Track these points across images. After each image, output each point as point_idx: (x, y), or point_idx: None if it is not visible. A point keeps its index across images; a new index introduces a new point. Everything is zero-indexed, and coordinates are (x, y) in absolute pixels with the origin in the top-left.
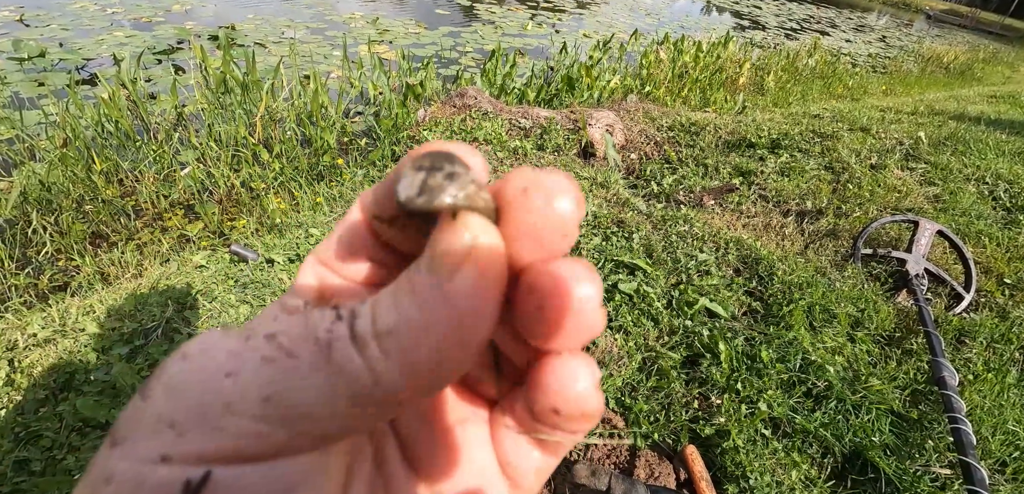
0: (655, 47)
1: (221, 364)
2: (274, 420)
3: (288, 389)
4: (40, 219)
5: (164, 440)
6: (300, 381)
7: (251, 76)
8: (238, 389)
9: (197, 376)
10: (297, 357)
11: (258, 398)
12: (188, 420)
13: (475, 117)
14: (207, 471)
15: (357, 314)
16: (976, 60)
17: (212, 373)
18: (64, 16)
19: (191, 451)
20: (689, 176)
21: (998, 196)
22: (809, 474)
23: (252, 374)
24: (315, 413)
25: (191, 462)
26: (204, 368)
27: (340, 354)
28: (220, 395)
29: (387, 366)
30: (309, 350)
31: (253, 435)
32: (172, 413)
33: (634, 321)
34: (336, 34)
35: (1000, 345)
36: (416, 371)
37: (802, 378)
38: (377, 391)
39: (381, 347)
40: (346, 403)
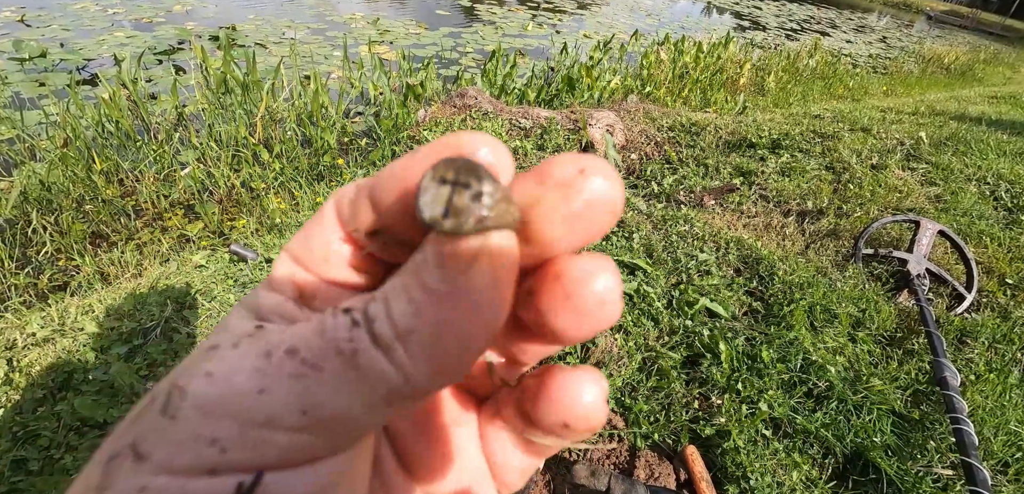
0: (655, 48)
1: (252, 383)
2: (314, 429)
3: (322, 401)
4: (40, 219)
5: (208, 456)
6: (332, 393)
7: (251, 76)
8: (275, 405)
9: (230, 395)
10: (323, 370)
11: (296, 411)
12: (230, 437)
13: (475, 117)
14: (259, 473)
15: (373, 318)
16: (977, 61)
17: (245, 392)
18: (65, 16)
19: (239, 462)
20: (689, 176)
21: (999, 196)
22: (810, 475)
23: (284, 391)
24: (352, 417)
25: (239, 471)
26: (235, 388)
27: (366, 361)
28: (259, 412)
29: (415, 366)
30: (334, 363)
31: (296, 446)
32: (212, 432)
33: (634, 321)
34: (337, 35)
35: (1002, 345)
36: (443, 365)
37: (803, 378)
38: (408, 389)
39: (407, 350)
40: (380, 403)
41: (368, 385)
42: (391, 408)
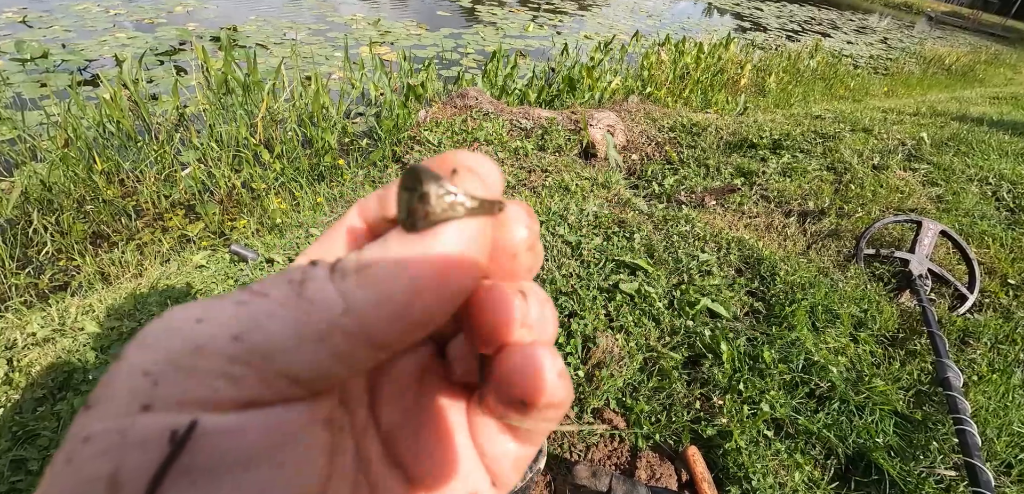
0: (656, 48)
1: (194, 314)
2: (244, 358)
3: (257, 326)
4: (41, 219)
5: (141, 390)
6: (268, 318)
7: (252, 77)
8: (208, 331)
9: (170, 326)
10: (268, 296)
11: (227, 337)
12: (162, 367)
13: (476, 117)
14: (193, 420)
15: (342, 258)
16: (978, 61)
17: (184, 321)
18: (67, 17)
19: (171, 396)
20: (690, 176)
21: (1001, 197)
22: (812, 475)
23: (223, 317)
24: (285, 349)
25: (173, 408)
26: (177, 318)
27: (313, 286)
28: (191, 339)
29: (360, 294)
30: (282, 288)
31: (226, 377)
32: (145, 363)
33: (635, 321)
34: (338, 36)
35: (1004, 346)
36: (389, 303)
37: (805, 379)
38: (347, 321)
39: (358, 277)
40: (316, 336)
41: (307, 313)
42: (328, 344)
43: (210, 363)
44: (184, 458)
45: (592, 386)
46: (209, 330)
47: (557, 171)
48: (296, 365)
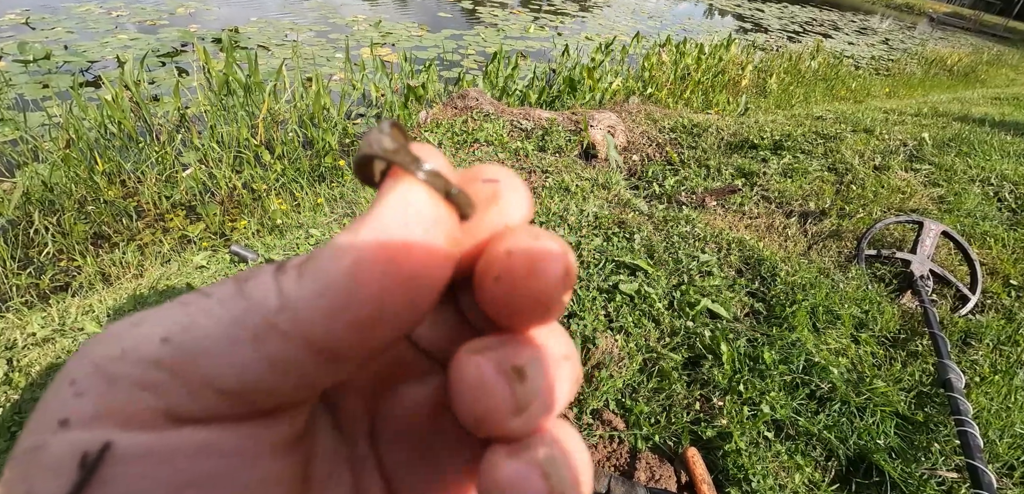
0: (657, 49)
1: (133, 318)
2: (169, 364)
3: (190, 325)
4: (42, 219)
5: (63, 402)
6: (204, 317)
7: (254, 78)
8: (140, 333)
9: (108, 331)
10: (210, 295)
11: (156, 338)
12: (85, 374)
13: (477, 118)
14: (106, 442)
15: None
16: (980, 62)
17: (122, 325)
18: (69, 19)
19: (87, 411)
20: (691, 177)
21: (1003, 197)
22: (813, 477)
23: (159, 317)
24: (213, 352)
25: (88, 424)
26: (117, 324)
27: (254, 285)
28: (119, 342)
29: (299, 288)
30: (226, 287)
31: (148, 385)
32: (74, 370)
33: (635, 322)
34: (339, 37)
35: (1007, 347)
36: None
37: (805, 380)
38: (282, 318)
39: (300, 271)
40: (248, 338)
41: (243, 310)
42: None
43: (133, 369)
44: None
45: (591, 387)
46: (140, 331)
47: (557, 172)
48: (224, 372)
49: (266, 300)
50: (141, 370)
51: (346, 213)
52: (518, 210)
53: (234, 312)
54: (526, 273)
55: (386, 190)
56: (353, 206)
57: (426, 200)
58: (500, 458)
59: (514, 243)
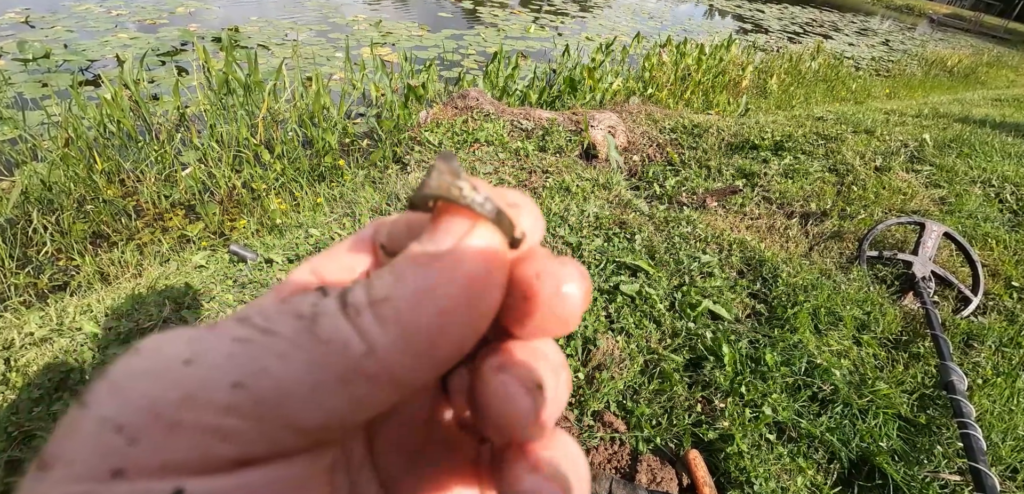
0: (658, 50)
1: (179, 351)
2: (246, 411)
3: (263, 370)
4: (41, 219)
5: (112, 449)
6: (278, 361)
7: (253, 77)
8: (200, 375)
9: (150, 367)
10: (275, 334)
11: (226, 384)
12: (139, 421)
13: (477, 118)
14: (178, 489)
15: (350, 289)
16: (980, 64)
17: (169, 361)
18: (69, 18)
19: (149, 461)
20: (692, 178)
21: (1004, 199)
22: (815, 480)
23: (219, 357)
24: (296, 397)
25: (152, 475)
26: (159, 358)
27: (328, 325)
28: (178, 386)
29: (382, 333)
30: (290, 325)
31: (222, 433)
32: (118, 414)
33: (636, 323)
34: (339, 37)
35: (1009, 349)
36: (416, 338)
37: (807, 381)
38: (369, 363)
39: (376, 314)
40: (334, 381)
41: (323, 354)
42: (346, 391)
43: (202, 416)
44: None
45: (592, 389)
46: (201, 374)
47: (558, 172)
48: (308, 415)
49: (349, 345)
50: (212, 417)
51: (345, 213)
52: (535, 233)
53: (313, 356)
54: (553, 294)
55: (455, 230)
56: (352, 206)
57: (498, 242)
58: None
59: (543, 266)
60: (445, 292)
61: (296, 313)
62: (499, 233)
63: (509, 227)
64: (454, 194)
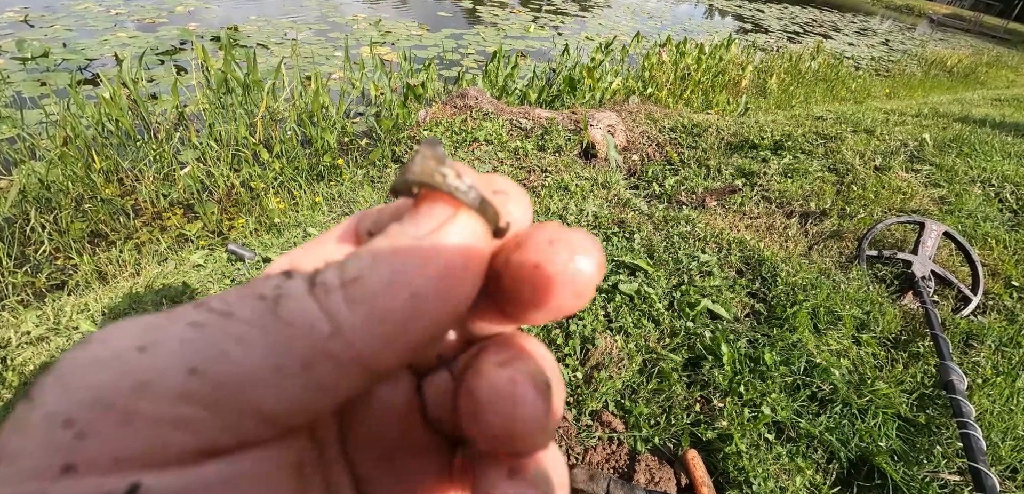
0: (657, 49)
1: (133, 339)
2: (204, 397)
3: (220, 354)
4: (39, 217)
5: (61, 445)
6: (236, 345)
7: (252, 76)
8: (154, 363)
9: (99, 356)
10: (232, 316)
11: (181, 370)
12: (88, 413)
13: (476, 117)
14: (134, 484)
15: (321, 271)
16: (979, 64)
17: (120, 351)
18: (68, 17)
19: (101, 454)
20: (691, 177)
21: (1004, 198)
22: (814, 480)
23: (174, 343)
24: (257, 381)
25: (106, 470)
26: (109, 347)
27: (291, 306)
28: (130, 374)
29: (351, 313)
30: (250, 306)
31: (178, 422)
32: (67, 407)
33: (635, 322)
34: (338, 36)
35: (1009, 348)
36: (386, 321)
37: (806, 381)
38: (336, 345)
39: (347, 294)
40: (298, 364)
41: (287, 336)
42: (310, 375)
43: (156, 406)
44: None
45: (590, 388)
46: (155, 361)
47: (557, 171)
48: (271, 401)
49: (315, 327)
50: (168, 406)
51: (344, 211)
52: (524, 221)
53: (275, 339)
54: (567, 260)
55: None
56: (351, 205)
57: (480, 231)
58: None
59: (555, 234)
60: (421, 276)
61: (257, 294)
62: (482, 222)
63: (494, 216)
64: (437, 180)
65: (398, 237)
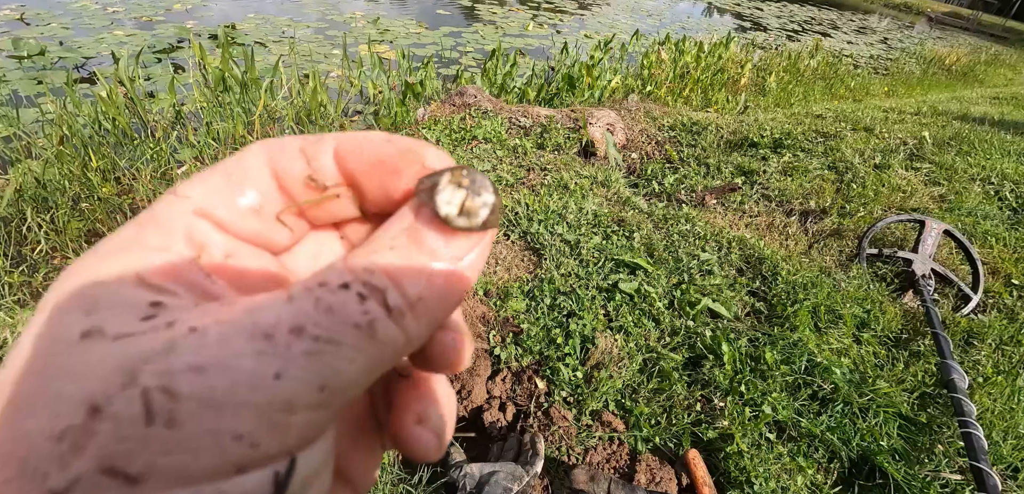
0: (656, 47)
1: (264, 367)
2: (328, 403)
3: (338, 374)
4: (35, 217)
5: (236, 452)
6: (348, 364)
7: (250, 75)
8: (294, 387)
9: (243, 385)
10: (341, 344)
11: (315, 388)
12: (255, 429)
13: (475, 115)
14: (292, 459)
15: (381, 289)
16: (978, 62)
17: (258, 381)
18: (65, 15)
19: (267, 453)
20: (691, 175)
21: (1004, 196)
22: (815, 479)
23: (301, 370)
24: (358, 384)
25: (270, 461)
26: (247, 377)
27: (383, 329)
28: (279, 397)
29: (418, 325)
30: (352, 336)
31: (315, 422)
32: (234, 427)
33: (635, 321)
34: (337, 34)
35: (1009, 347)
36: (435, 322)
37: (807, 380)
38: (408, 348)
39: (414, 314)
40: (383, 366)
41: (380, 353)
42: (388, 365)
43: (300, 416)
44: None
45: (590, 388)
46: (294, 385)
47: (556, 169)
48: (360, 388)
49: (397, 341)
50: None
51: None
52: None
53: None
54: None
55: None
56: None
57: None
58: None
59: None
60: (459, 289)
61: (352, 323)
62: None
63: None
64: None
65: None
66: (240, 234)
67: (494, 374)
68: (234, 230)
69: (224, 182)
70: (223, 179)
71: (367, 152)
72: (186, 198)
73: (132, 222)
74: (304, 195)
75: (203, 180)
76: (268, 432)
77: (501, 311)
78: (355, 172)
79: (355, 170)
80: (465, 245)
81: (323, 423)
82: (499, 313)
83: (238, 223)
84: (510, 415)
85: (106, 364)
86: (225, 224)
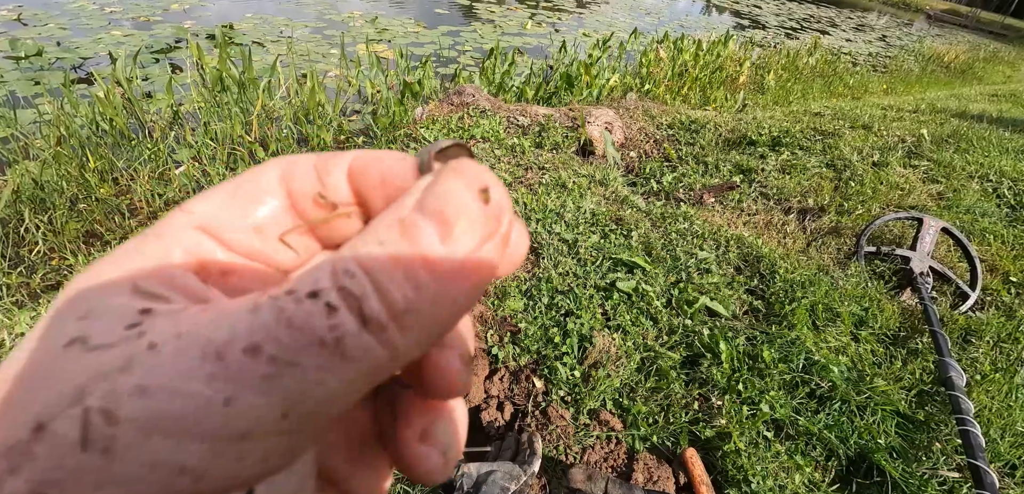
0: (655, 46)
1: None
2: (294, 429)
3: (303, 398)
4: (33, 218)
5: (181, 488)
6: (314, 387)
7: (248, 74)
8: (249, 416)
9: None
10: (301, 365)
11: (276, 415)
12: (203, 462)
13: (473, 115)
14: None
15: (359, 296)
16: (977, 59)
17: (207, 409)
18: (62, 15)
19: (219, 487)
20: (689, 174)
21: (1002, 194)
22: (813, 477)
23: (258, 396)
24: (334, 406)
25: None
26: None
27: (354, 346)
28: (232, 426)
29: (406, 340)
30: (316, 355)
31: (279, 449)
32: (179, 460)
33: (632, 320)
34: (335, 33)
35: (1007, 344)
36: (431, 336)
37: (805, 378)
38: (394, 364)
39: (400, 326)
40: (363, 384)
41: (354, 370)
42: (370, 385)
43: (260, 446)
44: None
45: (588, 387)
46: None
47: (554, 168)
48: (340, 410)
49: (375, 355)
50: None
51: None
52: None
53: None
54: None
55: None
56: None
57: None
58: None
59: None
60: (461, 291)
61: (317, 340)
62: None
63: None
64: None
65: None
66: (243, 251)
67: (492, 373)
68: (237, 247)
69: (232, 198)
70: (231, 196)
71: (376, 170)
72: (191, 213)
73: (137, 234)
74: (314, 213)
75: (211, 196)
76: (218, 464)
77: (498, 310)
78: (365, 190)
79: (365, 188)
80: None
81: (292, 448)
82: (496, 312)
83: (242, 240)
84: (508, 414)
85: (67, 378)
86: (228, 241)
